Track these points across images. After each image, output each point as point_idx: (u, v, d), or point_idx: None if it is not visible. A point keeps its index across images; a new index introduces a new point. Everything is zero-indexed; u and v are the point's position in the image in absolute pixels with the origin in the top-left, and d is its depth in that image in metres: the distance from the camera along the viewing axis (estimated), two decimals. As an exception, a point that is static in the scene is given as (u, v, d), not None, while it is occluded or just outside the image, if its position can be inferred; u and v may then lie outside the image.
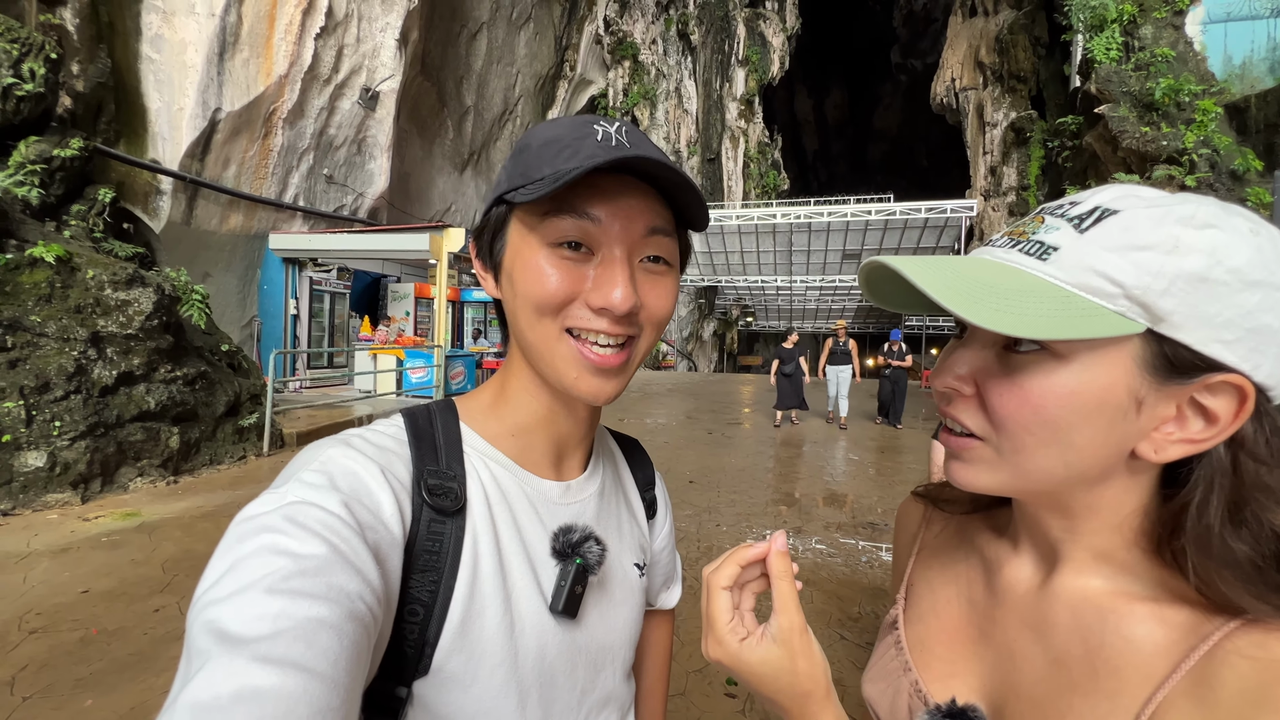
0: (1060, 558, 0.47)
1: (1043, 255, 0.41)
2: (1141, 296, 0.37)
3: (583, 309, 0.51)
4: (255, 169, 9.52)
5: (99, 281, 5.42)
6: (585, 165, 0.46)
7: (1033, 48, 15.61)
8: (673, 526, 0.81)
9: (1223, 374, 0.38)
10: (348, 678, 0.35)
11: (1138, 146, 6.41)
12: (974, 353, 0.45)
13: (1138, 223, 0.39)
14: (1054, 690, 0.45)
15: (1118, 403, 0.40)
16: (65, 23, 6.97)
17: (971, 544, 0.59)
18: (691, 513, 5.07)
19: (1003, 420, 0.42)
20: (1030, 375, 0.41)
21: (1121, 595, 0.44)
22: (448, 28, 13.31)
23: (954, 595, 0.57)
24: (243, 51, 8.77)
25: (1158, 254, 0.38)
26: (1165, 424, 0.40)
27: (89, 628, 2.89)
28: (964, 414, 0.45)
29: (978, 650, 0.53)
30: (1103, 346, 0.39)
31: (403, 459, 0.51)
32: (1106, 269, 0.38)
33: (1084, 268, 0.39)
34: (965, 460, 0.45)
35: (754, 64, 23.89)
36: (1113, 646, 0.43)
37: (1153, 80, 6.66)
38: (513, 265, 0.53)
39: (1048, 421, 0.41)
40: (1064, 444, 0.41)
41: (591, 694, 0.59)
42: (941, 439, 0.46)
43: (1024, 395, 0.41)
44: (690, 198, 0.52)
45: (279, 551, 0.38)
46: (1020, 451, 0.42)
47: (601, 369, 0.52)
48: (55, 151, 6.49)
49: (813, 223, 18.22)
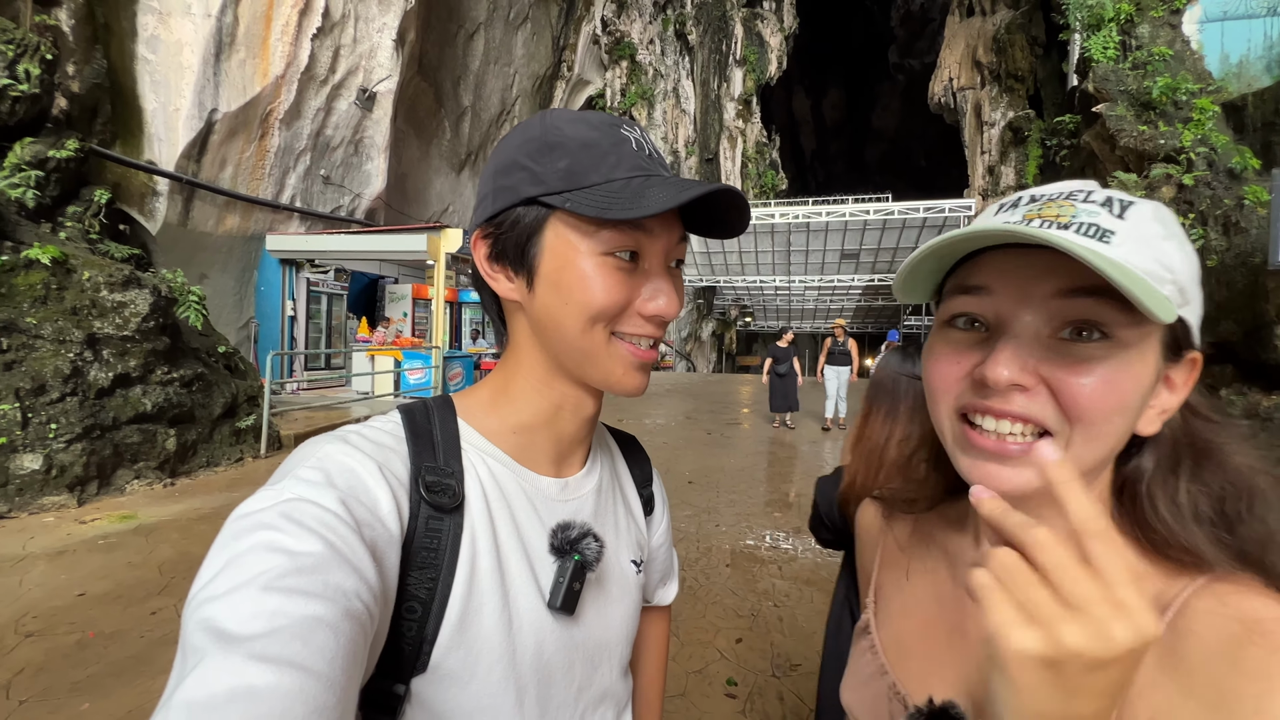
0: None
1: (1103, 238, 0.40)
2: (1183, 281, 0.40)
3: (634, 316, 0.53)
4: (252, 170, 9.50)
5: (95, 283, 5.40)
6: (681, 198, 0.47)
7: (1030, 47, 15.64)
8: (670, 523, 0.81)
9: (1191, 351, 0.43)
10: (344, 676, 0.35)
11: (1135, 145, 6.41)
12: (1030, 345, 0.42)
13: (1154, 212, 0.41)
14: None
15: (1151, 386, 0.42)
16: (61, 23, 6.94)
17: (933, 541, 0.58)
18: (691, 513, 5.07)
19: (1084, 412, 0.40)
20: (1107, 364, 0.40)
21: None
22: (445, 28, 13.29)
23: (923, 594, 0.57)
24: (239, 52, 8.75)
25: (1178, 243, 0.41)
26: (1154, 399, 0.43)
27: (85, 631, 2.88)
28: (1035, 409, 0.41)
29: (952, 646, 0.52)
30: (1150, 333, 0.40)
31: (400, 456, 0.51)
32: (1161, 255, 0.40)
33: (1144, 253, 0.40)
34: (1019, 463, 0.42)
35: (751, 64, 23.89)
36: None
37: (1150, 79, 6.67)
38: (560, 272, 0.52)
39: (1127, 408, 0.41)
40: (1121, 430, 0.41)
41: (588, 690, 0.59)
42: (977, 442, 0.43)
43: (1110, 385, 0.40)
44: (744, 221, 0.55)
45: (275, 549, 0.37)
46: (1093, 441, 0.41)
47: (645, 364, 0.55)
48: (51, 153, 6.46)
49: (811, 223, 18.23)
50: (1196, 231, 5.67)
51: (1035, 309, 0.42)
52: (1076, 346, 0.41)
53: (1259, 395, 5.18)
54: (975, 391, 0.44)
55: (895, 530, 0.64)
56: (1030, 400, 0.41)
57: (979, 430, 0.44)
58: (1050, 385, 0.41)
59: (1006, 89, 16.31)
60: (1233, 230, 5.56)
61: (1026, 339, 0.42)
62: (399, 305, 12.89)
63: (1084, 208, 0.42)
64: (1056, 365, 0.41)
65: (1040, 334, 0.42)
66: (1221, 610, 0.39)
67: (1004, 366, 0.41)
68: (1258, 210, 5.45)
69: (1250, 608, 0.39)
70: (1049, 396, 0.41)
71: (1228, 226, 5.59)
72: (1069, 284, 0.40)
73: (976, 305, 0.45)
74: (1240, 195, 5.64)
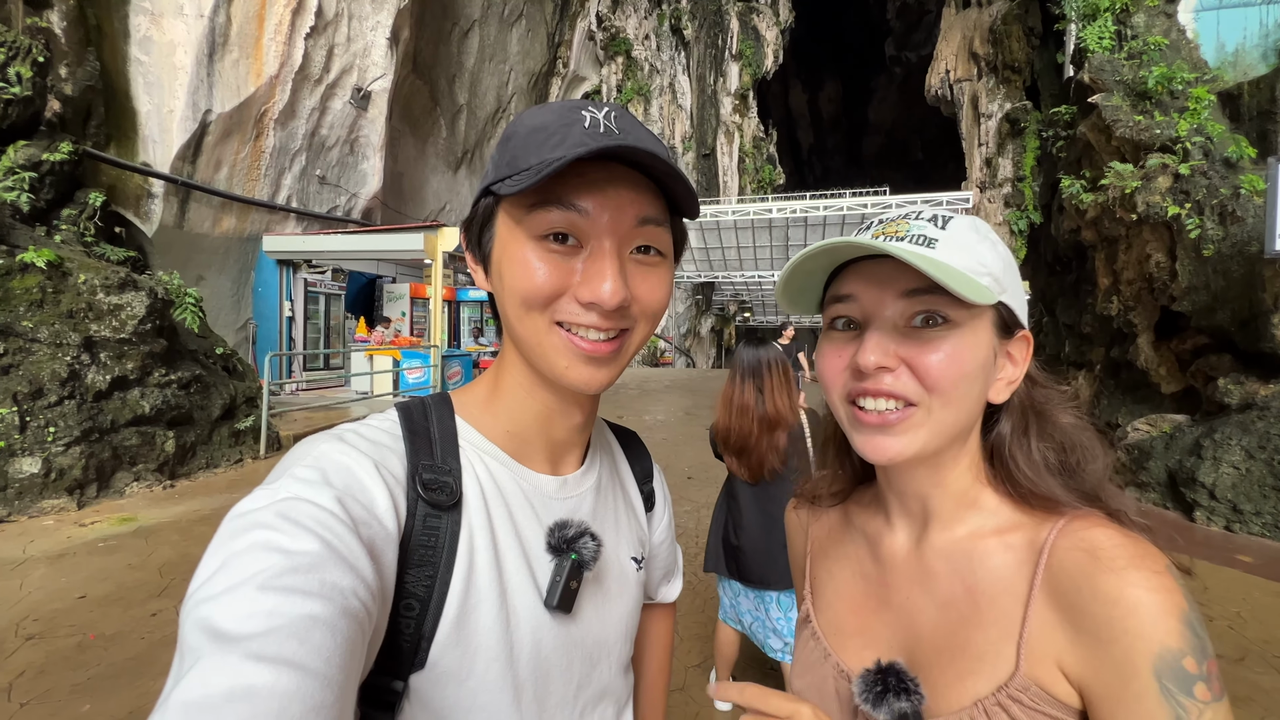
0: (929, 515, 0.57)
1: (929, 245, 0.51)
2: (997, 273, 0.51)
3: (571, 303, 0.49)
4: (247, 171, 9.48)
5: (91, 286, 5.39)
6: (568, 155, 0.44)
7: (1026, 38, 15.59)
8: (672, 519, 0.80)
9: (1021, 330, 0.54)
10: (342, 674, 0.35)
11: (1131, 135, 6.39)
12: (890, 334, 0.52)
13: (970, 224, 0.53)
14: (950, 629, 0.53)
15: (989, 358, 0.52)
16: (52, 25, 6.91)
17: (851, 526, 0.66)
18: (690, 508, 5.08)
19: (936, 382, 0.50)
20: (948, 343, 0.50)
21: (977, 535, 0.54)
22: (439, 25, 13.25)
23: (850, 575, 0.64)
24: (232, 52, 8.72)
25: (991, 246, 0.52)
26: (999, 372, 0.54)
27: (86, 633, 2.89)
28: (900, 385, 0.51)
29: (882, 617, 0.59)
30: (979, 314, 0.51)
31: (397, 454, 0.51)
32: (976, 254, 0.51)
33: (963, 253, 0.50)
34: (898, 431, 0.51)
35: (748, 58, 23.81)
36: (984, 580, 0.52)
37: (1145, 69, 6.64)
38: (500, 258, 0.52)
39: (967, 376, 0.50)
40: (971, 396, 0.51)
41: (587, 688, 0.58)
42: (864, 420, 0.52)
43: (952, 359, 0.50)
44: (678, 186, 0.51)
45: (272, 548, 0.37)
46: (948, 406, 0.51)
47: (593, 357, 0.51)
48: (44, 156, 6.45)
49: (809, 217, 18.18)
50: (1193, 221, 5.66)
51: (889, 306, 0.52)
52: (924, 331, 0.51)
53: (1256, 384, 5.18)
54: (855, 378, 0.53)
55: (819, 524, 0.71)
56: (895, 379, 0.51)
57: (864, 410, 0.52)
58: (908, 364, 0.51)
59: (1003, 80, 16.27)
60: (1229, 219, 5.55)
61: (886, 330, 0.52)
62: (397, 304, 12.88)
63: (915, 224, 0.53)
64: (911, 348, 0.51)
65: (897, 325, 0.52)
66: (1076, 544, 0.48)
67: (870, 353, 0.51)
68: (1254, 199, 5.44)
69: (1093, 537, 0.47)
70: (909, 374, 0.51)
71: (1224, 215, 5.59)
72: (910, 285, 0.50)
73: (847, 309, 0.55)
74: (1236, 184, 5.63)
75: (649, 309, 0.53)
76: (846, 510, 0.68)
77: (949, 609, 0.53)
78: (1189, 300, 5.86)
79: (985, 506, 0.55)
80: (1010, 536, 0.52)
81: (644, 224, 0.51)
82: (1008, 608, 0.50)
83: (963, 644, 0.51)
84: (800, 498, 0.74)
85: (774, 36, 24.52)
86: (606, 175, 0.49)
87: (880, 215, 0.56)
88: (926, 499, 0.56)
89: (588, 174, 0.48)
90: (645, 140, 0.49)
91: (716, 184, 23.80)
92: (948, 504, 0.56)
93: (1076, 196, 6.98)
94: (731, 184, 23.74)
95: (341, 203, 11.38)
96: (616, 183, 0.49)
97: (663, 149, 0.50)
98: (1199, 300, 5.79)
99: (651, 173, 0.50)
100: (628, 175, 0.50)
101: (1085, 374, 7.66)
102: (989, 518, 0.54)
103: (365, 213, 11.83)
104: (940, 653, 0.53)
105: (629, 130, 0.49)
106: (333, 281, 11.65)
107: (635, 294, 0.51)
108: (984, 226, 0.54)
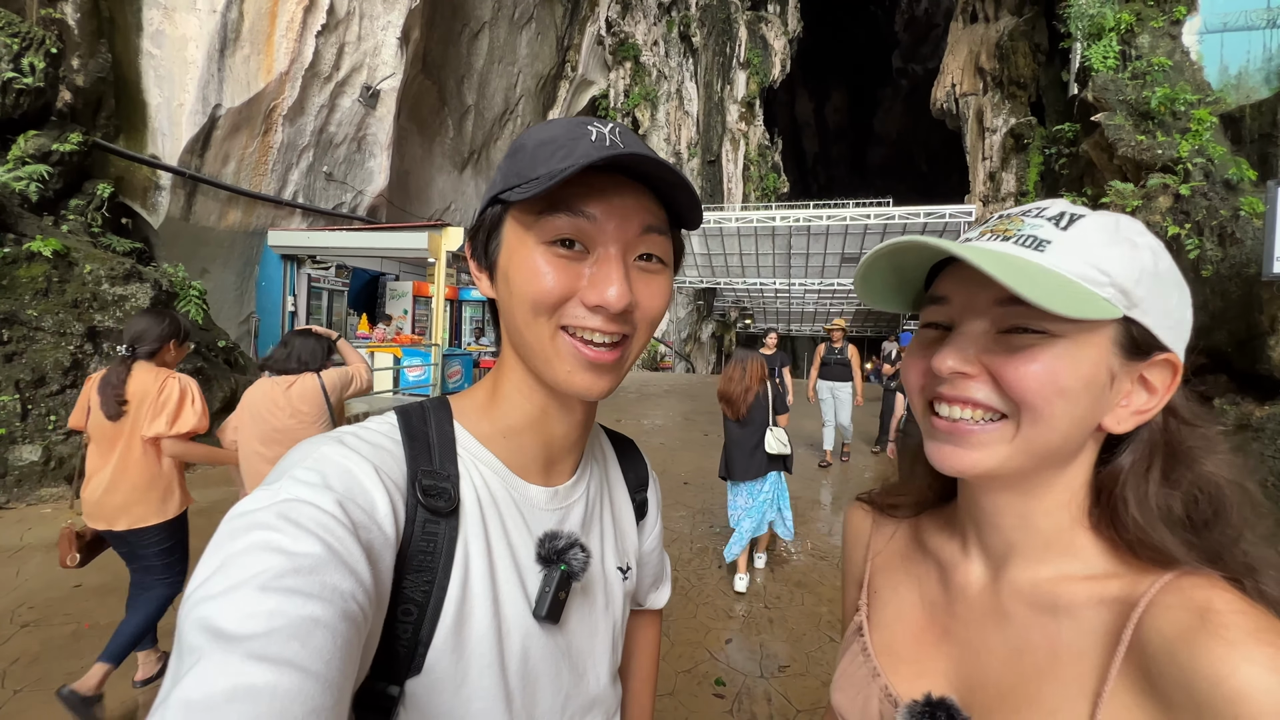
0: (1011, 550, 0.51)
1: (1039, 247, 0.45)
2: (1124, 284, 0.44)
3: (578, 307, 0.51)
4: (255, 165, 9.52)
5: (96, 276, 5.42)
6: (579, 163, 0.46)
7: (1033, 54, 15.65)
8: (662, 528, 0.81)
9: (1164, 353, 0.46)
10: (340, 677, 0.35)
11: (1133, 155, 6.43)
12: (973, 339, 0.47)
13: (1105, 224, 0.46)
14: (1020, 678, 0.48)
15: (1102, 379, 0.45)
16: (66, 17, 6.96)
17: (923, 546, 0.61)
18: (686, 514, 5.09)
19: (1025, 394, 0.45)
20: (1042, 353, 0.44)
21: (1066, 580, 0.48)
22: (449, 26, 13.32)
23: (914, 598, 0.60)
24: (244, 48, 8.78)
25: (1126, 250, 0.45)
26: (1124, 398, 0.47)
27: (81, 622, 2.90)
28: (979, 392, 0.46)
29: (942, 649, 0.55)
30: (1091, 328, 0.44)
31: (396, 458, 0.51)
32: (1097, 260, 0.44)
33: (1079, 259, 0.44)
34: (974, 444, 0.47)
35: (755, 66, 23.91)
36: (1068, 631, 0.46)
37: (1149, 89, 6.69)
38: (509, 264, 0.53)
39: (1065, 392, 0.44)
40: (1071, 416, 0.45)
41: (575, 698, 0.59)
42: (937, 426, 0.49)
43: (1045, 370, 0.44)
44: (683, 196, 0.53)
45: (273, 549, 0.37)
46: (1039, 422, 0.45)
47: (596, 364, 0.52)
48: (54, 146, 6.49)
49: (812, 226, 18.20)
50: (1192, 242, 5.69)
51: (980, 313, 0.47)
52: (1014, 338, 0.46)
53: (1252, 405, 5.20)
54: (934, 383, 0.49)
55: (885, 534, 0.66)
56: (976, 386, 0.46)
57: (939, 416, 0.49)
58: (991, 372, 0.46)
59: (1009, 96, 16.33)
60: (1228, 241, 5.59)
61: (971, 335, 0.48)
62: (400, 302, 12.90)
63: (1031, 222, 0.47)
64: (996, 355, 0.46)
65: (986, 332, 0.47)
66: (1183, 604, 0.41)
67: (948, 357, 0.47)
68: (1253, 221, 5.48)
69: (1206, 598, 0.41)
70: (991, 382, 0.46)
71: (1223, 237, 5.62)
72: (1003, 293, 0.44)
73: (939, 313, 0.51)
74: (1236, 206, 5.66)
75: (649, 314, 0.54)
76: (919, 527, 0.63)
77: (1021, 656, 0.48)
78: (1187, 320, 5.88)
79: (1081, 550, 0.48)
80: (1104, 585, 0.46)
81: (648, 232, 0.52)
82: (1089, 666, 0.44)
83: (1033, 696, 0.46)
84: (870, 503, 0.69)
85: (782, 45, 24.62)
86: (613, 185, 0.51)
87: (1004, 211, 0.51)
88: (1010, 530, 0.51)
89: (595, 184, 0.50)
90: (648, 153, 0.52)
91: (721, 190, 23.85)
92: (1036, 540, 0.50)
93: (1078, 214, 7.00)
94: (736, 191, 23.80)
95: (347, 199, 11.42)
96: (622, 192, 0.51)
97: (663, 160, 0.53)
98: (1196, 321, 5.82)
99: (656, 183, 0.52)
100: (633, 186, 0.52)
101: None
102: (1083, 563, 0.48)
103: (370, 210, 11.87)
104: (1005, 700, 0.48)
105: (632, 145, 0.51)
106: (336, 278, 11.67)
107: (638, 299, 0.52)
108: (1131, 227, 0.46)
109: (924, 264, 0.52)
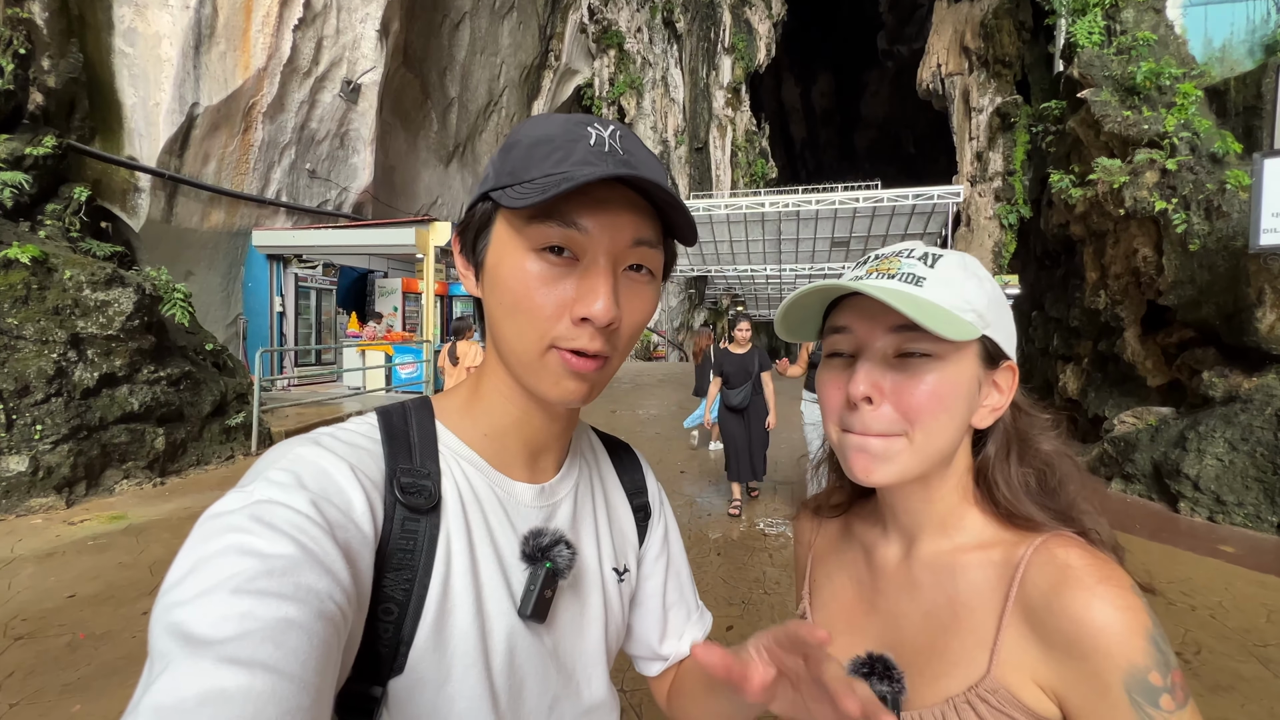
0: (918, 529, 0.62)
1: (917, 283, 0.55)
2: (982, 310, 0.55)
3: (564, 321, 0.49)
4: (236, 164, 9.37)
5: (77, 282, 5.33)
6: (577, 179, 0.45)
7: (1017, 32, 15.60)
8: (679, 543, 0.75)
9: (1007, 360, 0.58)
10: (318, 678, 0.35)
11: (1119, 130, 6.43)
12: (876, 365, 0.56)
13: (960, 262, 0.57)
14: (930, 635, 0.58)
15: (972, 388, 0.56)
16: (34, 16, 6.78)
17: (852, 536, 0.72)
18: (683, 502, 5.10)
19: (917, 413, 0.54)
20: (929, 375, 0.54)
21: (960, 550, 0.59)
22: (429, 18, 13.11)
23: (845, 580, 0.70)
24: (219, 44, 8.60)
25: (978, 283, 0.56)
26: (984, 399, 0.58)
27: (76, 632, 2.87)
28: (879, 424, 0.55)
29: (870, 619, 0.64)
30: (963, 348, 0.55)
31: (374, 457, 0.50)
32: (961, 291, 0.55)
33: (948, 291, 0.54)
34: (886, 457, 0.55)
35: (740, 52, 23.71)
36: (964, 591, 0.56)
37: (1134, 64, 6.67)
38: (497, 265, 0.52)
39: (948, 408, 0.54)
40: (952, 424, 0.55)
41: (564, 700, 0.57)
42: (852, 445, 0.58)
43: (932, 391, 0.54)
44: (680, 217, 0.52)
45: (245, 551, 0.37)
46: (930, 435, 0.55)
47: (580, 373, 0.51)
48: (28, 150, 6.35)
49: (801, 211, 18.17)
50: (1179, 216, 5.71)
51: (879, 339, 0.56)
52: (909, 363, 0.55)
53: (1239, 377, 5.25)
54: (849, 409, 0.57)
55: (823, 532, 0.76)
56: (879, 415, 0.55)
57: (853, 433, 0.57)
58: (893, 395, 0.55)
59: (994, 75, 16.29)
60: (1215, 214, 5.61)
61: (875, 361, 0.56)
62: (389, 299, 12.81)
63: (906, 262, 0.57)
64: (895, 379, 0.55)
65: (885, 356, 0.56)
66: (1049, 561, 0.52)
67: (860, 384, 0.55)
68: (1239, 194, 5.50)
69: (1065, 556, 0.51)
70: (891, 408, 0.55)
71: (1210, 211, 5.64)
72: (896, 320, 0.54)
73: (844, 342, 0.59)
74: (1222, 179, 5.68)
75: (632, 326, 0.53)
76: (848, 521, 0.73)
77: (930, 617, 0.58)
78: (1175, 294, 5.93)
79: (970, 524, 0.59)
80: (990, 552, 0.56)
81: (639, 245, 0.51)
82: (984, 618, 0.54)
83: (941, 649, 0.56)
84: (806, 507, 0.80)
85: (766, 29, 24.42)
86: (609, 195, 0.49)
87: (877, 251, 0.61)
88: (916, 514, 0.61)
89: (591, 193, 0.49)
90: (649, 167, 0.51)
91: (709, 178, 23.75)
92: (935, 520, 0.60)
93: (1065, 191, 7.03)
94: (724, 178, 23.70)
95: (332, 197, 11.27)
96: (617, 203, 0.50)
97: (663, 175, 0.51)
98: (1185, 294, 5.85)
99: (652, 199, 0.51)
100: (628, 197, 0.50)
101: (1073, 367, 7.74)
102: (972, 534, 0.59)
103: (356, 207, 11.73)
104: (919, 655, 0.57)
105: (633, 152, 0.50)
106: (324, 276, 11.56)
107: (622, 309, 0.51)
108: (973, 263, 0.58)
109: (828, 300, 0.61)
